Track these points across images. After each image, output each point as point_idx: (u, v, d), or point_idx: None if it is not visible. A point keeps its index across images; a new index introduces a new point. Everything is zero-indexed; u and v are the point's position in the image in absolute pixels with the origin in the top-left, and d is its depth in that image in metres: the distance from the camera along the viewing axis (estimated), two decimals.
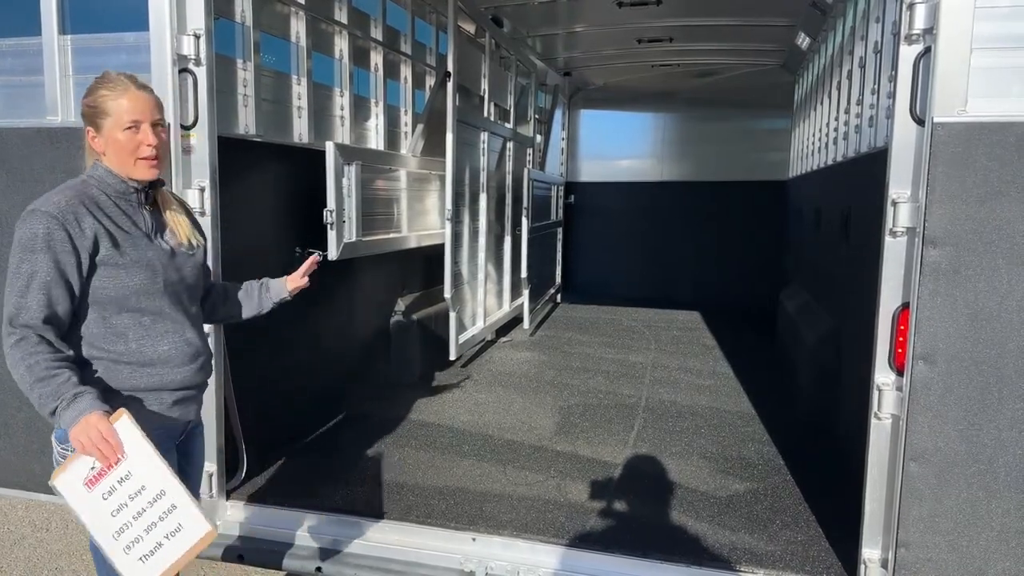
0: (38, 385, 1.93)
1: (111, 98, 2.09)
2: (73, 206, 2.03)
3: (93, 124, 2.11)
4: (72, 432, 1.91)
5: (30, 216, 2.00)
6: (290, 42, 4.28)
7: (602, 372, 5.85)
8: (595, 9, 6.49)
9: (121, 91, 2.09)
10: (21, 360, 1.95)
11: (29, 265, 1.97)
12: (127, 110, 2.08)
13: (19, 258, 1.99)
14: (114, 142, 2.09)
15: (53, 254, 1.98)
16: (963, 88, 2.32)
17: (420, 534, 3.14)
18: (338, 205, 4.17)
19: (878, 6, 4.10)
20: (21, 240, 1.99)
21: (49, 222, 1.98)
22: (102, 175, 2.12)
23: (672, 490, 3.57)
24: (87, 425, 1.91)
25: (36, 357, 1.95)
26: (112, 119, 2.09)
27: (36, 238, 1.97)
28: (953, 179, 2.34)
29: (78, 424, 1.91)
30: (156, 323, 2.15)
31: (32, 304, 1.97)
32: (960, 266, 2.36)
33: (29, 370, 1.94)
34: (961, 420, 2.40)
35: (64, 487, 1.96)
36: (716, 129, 9.53)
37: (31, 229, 1.98)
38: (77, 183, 2.11)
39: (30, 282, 1.97)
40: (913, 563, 2.49)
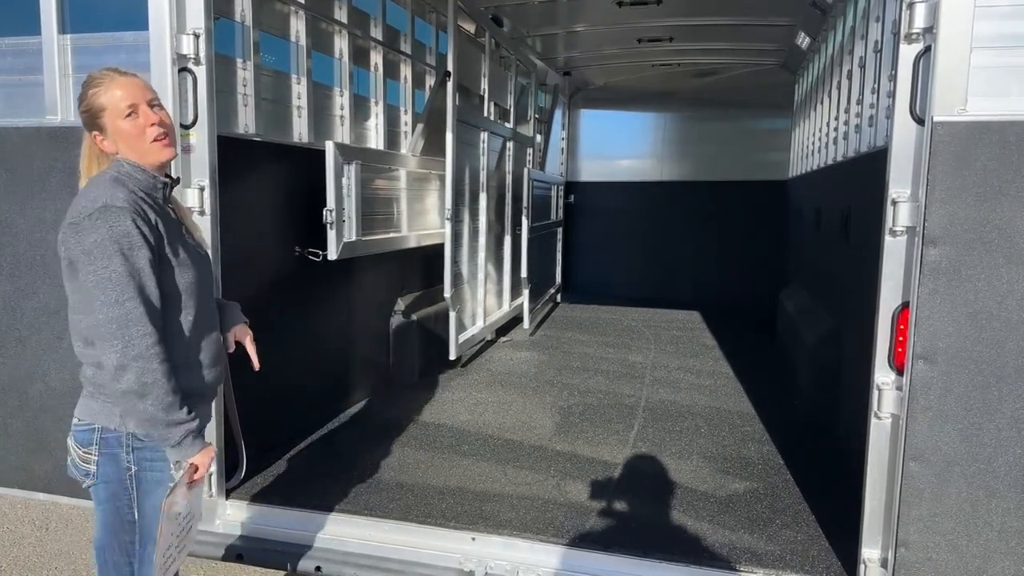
0: (172, 394, 1.97)
1: (101, 93, 2.06)
2: (134, 198, 1.98)
3: (96, 127, 2.07)
4: (198, 456, 2.06)
5: (107, 213, 1.91)
6: (290, 41, 4.28)
7: (602, 372, 5.85)
8: (595, 9, 6.49)
9: (108, 83, 2.07)
10: (160, 364, 1.94)
11: (134, 262, 1.92)
12: (120, 98, 2.05)
13: (122, 257, 1.90)
14: (121, 132, 2.05)
15: (149, 247, 1.95)
16: (963, 87, 2.32)
17: (420, 533, 3.14)
18: (338, 204, 4.17)
19: (878, 5, 4.10)
20: (114, 237, 1.90)
21: (132, 216, 1.93)
22: (129, 171, 2.06)
23: (672, 490, 3.57)
24: (210, 451, 2.10)
25: (170, 364, 1.97)
26: (109, 111, 2.05)
27: (130, 234, 1.91)
28: (953, 178, 2.34)
29: (205, 450, 2.08)
30: (195, 323, 2.13)
31: (155, 299, 1.96)
32: (960, 265, 2.35)
33: (168, 376, 1.96)
34: (961, 419, 2.40)
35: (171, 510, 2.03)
36: (716, 129, 9.54)
37: (119, 226, 1.91)
38: (112, 178, 2.02)
39: (142, 278, 1.93)
40: (913, 563, 2.48)
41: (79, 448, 2.11)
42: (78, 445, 2.11)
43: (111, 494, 2.10)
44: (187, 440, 2.02)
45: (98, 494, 2.12)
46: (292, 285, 4.11)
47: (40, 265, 3.27)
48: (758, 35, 7.41)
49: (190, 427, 2.02)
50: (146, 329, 1.92)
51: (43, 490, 3.41)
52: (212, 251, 3.10)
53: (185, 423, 2.00)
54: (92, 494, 2.15)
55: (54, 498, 3.43)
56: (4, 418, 3.44)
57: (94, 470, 2.09)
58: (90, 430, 2.08)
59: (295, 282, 4.13)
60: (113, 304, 1.90)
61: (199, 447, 2.06)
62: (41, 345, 3.31)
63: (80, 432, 2.10)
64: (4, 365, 3.38)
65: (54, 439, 3.36)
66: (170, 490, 2.04)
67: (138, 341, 1.91)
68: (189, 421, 2.01)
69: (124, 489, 2.10)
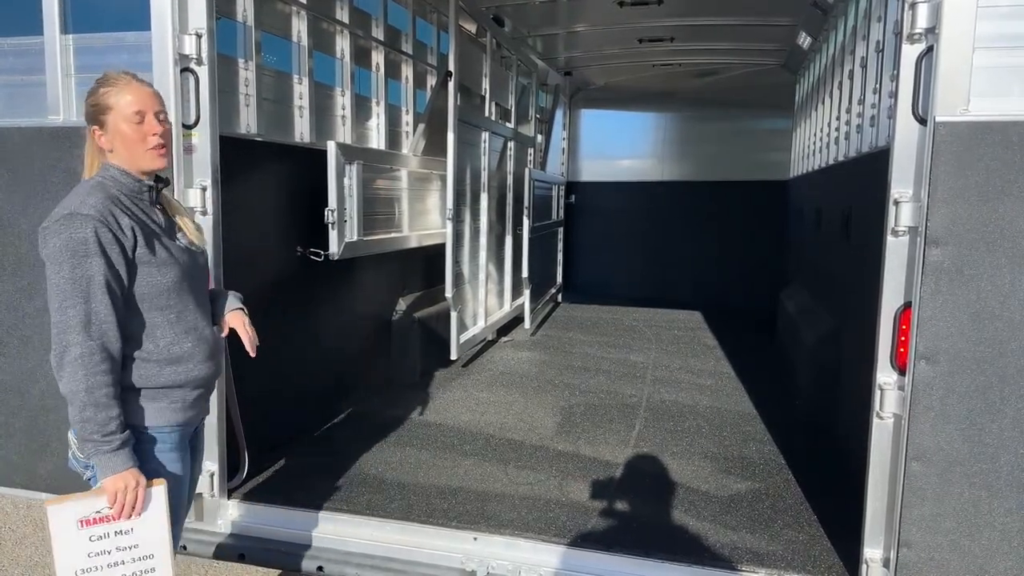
0: (91, 409, 1.94)
1: (113, 94, 2.11)
2: (107, 205, 2.02)
3: (97, 122, 2.12)
4: (108, 480, 1.98)
5: (71, 220, 1.95)
6: (291, 42, 4.28)
7: (603, 372, 5.85)
8: (596, 9, 6.49)
9: (123, 86, 2.12)
10: (84, 376, 1.93)
11: (85, 269, 1.95)
12: (130, 103, 2.10)
13: (72, 264, 1.94)
14: (121, 135, 2.10)
15: (106, 256, 1.97)
16: (965, 87, 2.32)
17: (422, 533, 3.14)
18: (339, 204, 4.17)
19: (879, 5, 4.10)
20: (69, 245, 1.94)
21: (95, 224, 1.96)
22: (115, 175, 2.12)
23: (673, 490, 3.57)
24: (127, 478, 1.99)
25: (99, 378, 1.95)
26: (116, 112, 2.10)
27: (87, 242, 1.94)
28: (955, 178, 2.34)
29: (119, 475, 1.98)
30: (181, 320, 2.16)
31: (101, 309, 1.96)
32: (962, 265, 2.35)
33: (88, 391, 1.94)
34: (963, 419, 2.40)
35: (55, 516, 1.96)
36: (717, 129, 9.54)
37: (78, 233, 1.94)
38: (95, 184, 2.08)
39: (90, 286, 1.95)
40: (915, 563, 2.48)
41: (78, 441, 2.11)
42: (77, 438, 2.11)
43: None
44: (96, 459, 1.98)
45: None
46: (294, 285, 4.11)
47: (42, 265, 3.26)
48: (759, 35, 7.41)
49: (100, 448, 1.96)
50: (79, 338, 1.93)
51: (45, 490, 3.41)
52: (214, 251, 3.10)
53: (96, 443, 1.96)
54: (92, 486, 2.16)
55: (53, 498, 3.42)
56: (6, 417, 3.44)
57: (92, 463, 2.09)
58: None
59: (297, 282, 4.13)
60: (56, 310, 1.95)
61: (109, 471, 1.98)
62: (43, 345, 3.30)
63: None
64: (6, 365, 3.38)
65: (56, 439, 3.36)
66: (61, 496, 1.99)
67: (72, 349, 1.94)
68: (100, 442, 1.96)
69: None
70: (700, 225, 9.62)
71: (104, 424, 1.96)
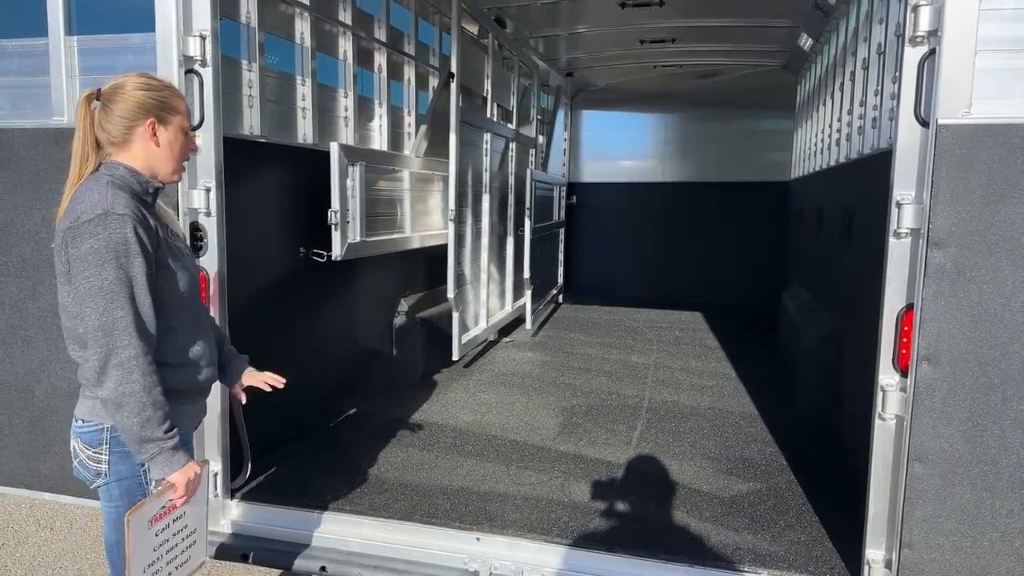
0: (151, 408, 1.94)
1: (177, 99, 2.12)
2: (136, 205, 2.00)
3: (158, 117, 2.08)
4: (177, 474, 2.03)
5: (107, 220, 1.91)
6: (295, 43, 4.29)
7: (605, 372, 5.86)
8: (598, 10, 6.50)
9: (180, 96, 2.14)
10: (140, 377, 1.92)
11: (129, 270, 1.92)
12: (188, 115, 2.14)
13: (116, 264, 1.90)
14: (176, 141, 2.11)
15: (144, 256, 1.95)
16: (967, 90, 2.33)
17: (424, 534, 3.15)
18: (342, 205, 4.18)
19: (881, 8, 4.10)
20: (111, 245, 1.90)
21: (133, 223, 1.93)
22: (123, 174, 2.05)
23: (675, 490, 3.57)
24: (192, 469, 2.07)
25: (153, 377, 1.95)
26: (180, 118, 2.11)
27: (128, 242, 1.91)
28: (957, 181, 2.34)
29: (183, 468, 2.04)
30: (193, 324, 2.16)
31: (146, 310, 1.95)
32: (964, 267, 2.36)
33: (147, 391, 1.93)
34: (965, 421, 2.41)
35: (136, 525, 1.99)
36: (718, 130, 9.55)
37: (118, 233, 1.91)
38: (106, 182, 2.01)
39: (135, 287, 1.93)
40: (917, 564, 2.49)
41: (88, 449, 2.10)
42: (86, 446, 2.10)
43: (126, 490, 2.11)
44: (161, 457, 2.00)
45: (110, 492, 2.13)
46: (296, 286, 4.12)
47: (46, 266, 3.29)
48: (760, 36, 7.42)
49: (164, 445, 1.98)
50: (130, 340, 1.91)
51: (49, 490, 3.43)
52: (218, 252, 3.12)
53: (159, 440, 1.97)
54: (103, 493, 2.15)
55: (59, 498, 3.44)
56: (9, 418, 3.45)
57: (106, 469, 2.10)
58: (98, 430, 2.08)
59: (299, 283, 4.14)
60: (101, 312, 1.91)
61: (176, 465, 2.03)
62: (47, 345, 3.32)
63: (87, 433, 2.10)
64: (10, 365, 3.39)
65: (59, 439, 3.38)
66: (139, 504, 2.01)
67: (121, 351, 1.91)
68: (163, 439, 1.98)
69: (139, 485, 2.11)
70: (701, 226, 9.63)
71: (163, 421, 1.97)
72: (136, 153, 2.08)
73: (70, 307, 2.02)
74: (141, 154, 2.08)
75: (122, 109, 2.05)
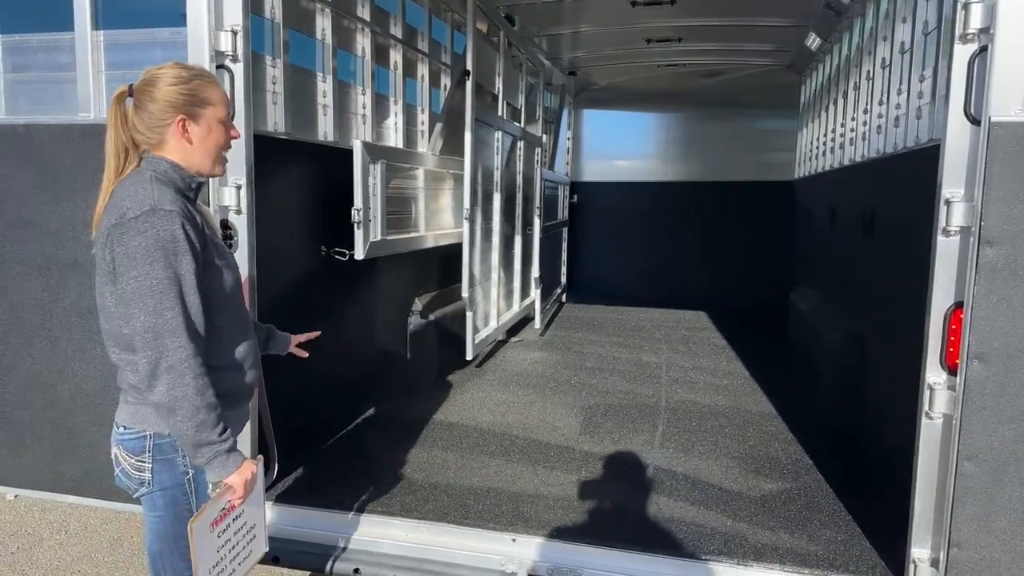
0: (205, 411, 1.88)
1: (209, 88, 2.02)
2: (180, 201, 1.93)
3: (189, 112, 1.99)
4: (235, 476, 1.98)
5: (154, 216, 1.84)
6: (316, 39, 4.24)
7: (618, 372, 5.84)
8: (609, 8, 6.48)
9: (214, 83, 2.05)
10: (192, 380, 1.86)
11: (178, 268, 1.86)
12: (224, 103, 2.04)
13: (165, 263, 1.84)
14: (212, 133, 2.02)
15: (192, 255, 1.88)
16: (1020, 87, 2.32)
17: (459, 535, 3.12)
18: (365, 204, 4.13)
19: (904, 6, 4.11)
20: (159, 243, 1.83)
21: (181, 220, 1.87)
22: (167, 169, 1.99)
23: (706, 490, 3.56)
24: (248, 470, 2.02)
25: (205, 379, 1.89)
26: (213, 109, 2.02)
27: (176, 239, 1.85)
28: (1010, 179, 2.33)
29: (240, 469, 1.99)
30: (235, 324, 2.09)
31: (195, 310, 1.89)
32: (1016, 265, 2.35)
33: (199, 394, 1.87)
34: (1016, 419, 2.40)
35: (199, 531, 1.94)
36: (720, 129, 9.56)
37: (167, 230, 1.84)
38: (149, 178, 1.93)
39: (184, 286, 1.87)
40: (965, 562, 2.48)
41: (130, 457, 2.04)
42: (129, 454, 2.04)
43: (170, 500, 2.05)
44: (217, 461, 1.95)
45: (154, 501, 2.07)
46: (317, 284, 4.07)
47: (71, 264, 3.22)
48: (767, 36, 7.42)
49: (219, 448, 1.93)
50: (181, 341, 1.85)
51: (73, 492, 3.37)
52: (248, 249, 3.08)
53: (214, 444, 1.92)
54: (146, 502, 2.09)
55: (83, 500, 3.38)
56: (32, 419, 3.38)
57: (149, 478, 2.04)
58: (141, 437, 2.02)
59: (320, 281, 4.09)
60: (151, 313, 1.84)
61: (233, 467, 1.98)
62: (72, 346, 3.25)
63: (129, 440, 2.03)
64: (33, 365, 3.33)
65: (84, 441, 3.32)
66: (200, 511, 1.97)
67: (172, 353, 1.84)
68: (219, 442, 1.93)
69: (184, 494, 2.05)
70: (703, 225, 9.63)
71: (217, 423, 1.91)
72: (173, 150, 2.01)
73: (113, 308, 1.94)
74: (177, 151, 2.01)
75: (153, 109, 1.97)
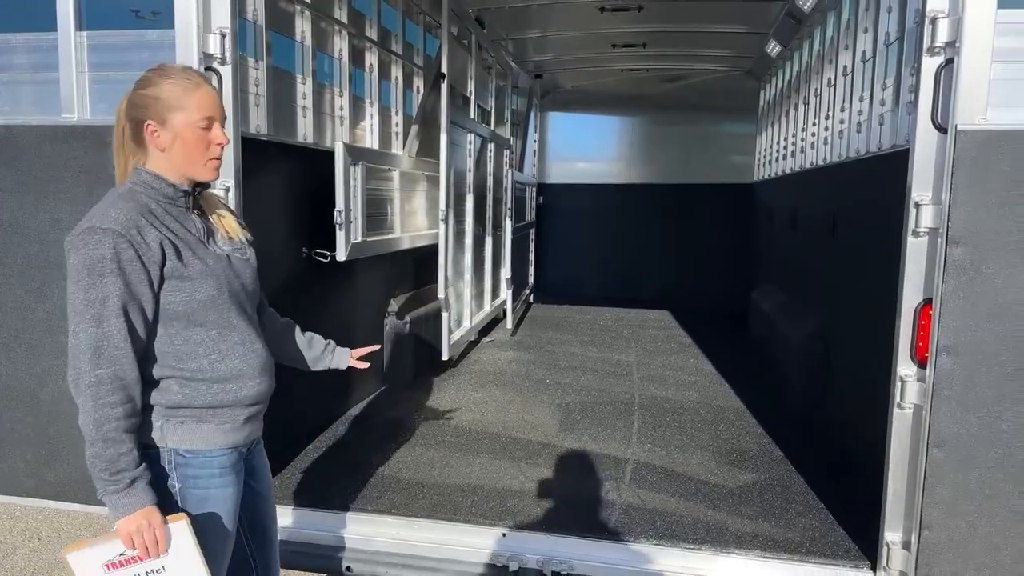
0: (99, 445, 1.80)
1: (183, 91, 1.92)
2: (133, 218, 1.85)
3: (156, 117, 1.90)
4: (122, 522, 1.82)
5: (89, 235, 1.80)
6: (295, 41, 4.25)
7: (590, 370, 5.95)
8: (577, 13, 6.60)
9: (193, 85, 1.94)
10: (92, 408, 1.80)
11: (99, 290, 1.80)
12: (202, 106, 1.93)
13: (87, 283, 1.79)
14: (183, 140, 1.92)
15: (124, 275, 1.81)
16: (983, 98, 2.48)
17: (450, 531, 3.17)
18: (346, 205, 4.16)
19: (866, 17, 4.30)
20: (86, 263, 1.79)
21: (115, 240, 1.80)
22: (147, 179, 1.93)
23: (684, 482, 3.68)
24: (140, 520, 1.83)
25: (107, 411, 1.80)
26: (184, 114, 1.91)
27: (103, 260, 1.79)
28: (975, 183, 2.50)
29: (131, 516, 1.82)
30: (224, 336, 2.00)
31: (113, 332, 1.81)
32: (981, 264, 2.52)
33: (96, 425, 1.80)
34: (981, 408, 2.57)
35: (78, 563, 1.82)
36: (682, 133, 9.77)
37: (95, 250, 1.79)
38: (124, 192, 1.92)
39: (103, 309, 1.80)
40: (935, 543, 2.64)
41: None
42: None
43: None
44: (108, 499, 1.83)
45: None
46: (298, 287, 4.08)
47: (54, 267, 3.19)
48: (729, 43, 7.63)
49: (108, 488, 1.81)
50: (88, 366, 1.80)
51: (54, 498, 3.31)
52: None
53: (104, 481, 1.81)
54: None
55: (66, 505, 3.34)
56: (12, 424, 3.33)
57: None
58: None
59: (301, 284, 4.10)
60: (71, 332, 1.82)
61: (123, 511, 1.81)
62: (54, 350, 3.22)
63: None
64: (14, 370, 3.28)
65: (66, 446, 3.28)
66: (81, 541, 1.85)
67: (81, 377, 1.81)
68: (109, 481, 1.81)
69: (171, 508, 1.96)
70: (666, 227, 9.83)
71: (112, 461, 1.80)
72: (154, 157, 1.95)
73: None
74: (157, 158, 1.95)
75: (133, 114, 1.93)
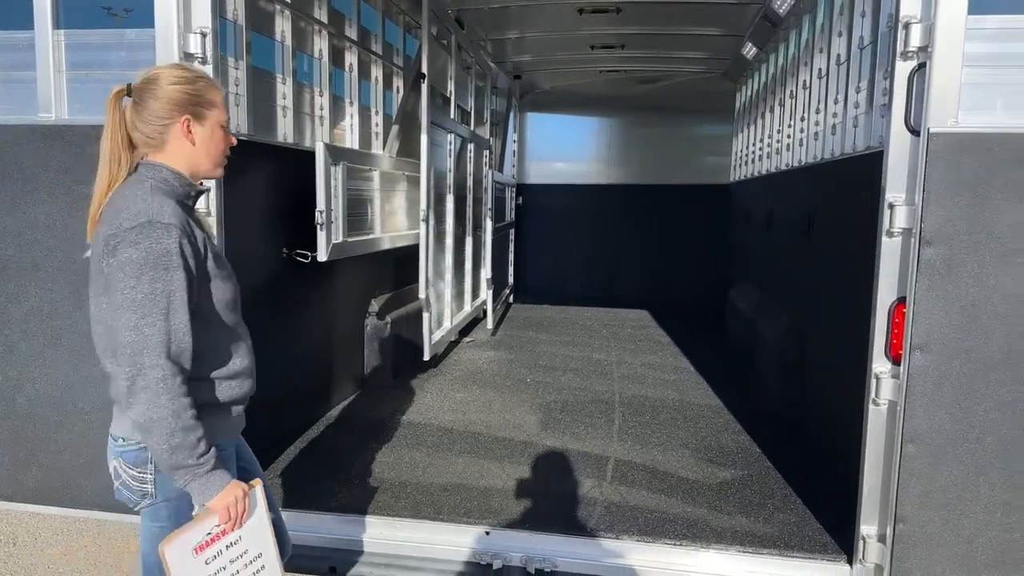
0: (180, 434, 1.81)
1: (212, 90, 2.00)
2: (180, 213, 1.87)
3: (194, 113, 1.96)
4: (216, 500, 1.90)
5: (151, 229, 1.80)
6: (275, 41, 4.24)
7: (571, 370, 5.99)
8: (556, 15, 6.63)
9: (217, 87, 2.04)
10: (168, 401, 1.80)
11: (166, 284, 1.80)
12: (225, 107, 2.03)
13: (152, 276, 1.79)
14: (213, 136, 2.00)
15: (186, 270, 1.83)
16: (955, 101, 2.55)
17: (434, 530, 3.19)
18: (327, 205, 4.15)
19: (840, 21, 4.38)
20: (149, 257, 1.79)
21: (178, 234, 1.82)
22: (167, 176, 1.95)
23: (664, 479, 3.72)
24: (233, 492, 1.94)
25: (183, 400, 1.82)
26: (218, 112, 2.00)
27: (169, 253, 1.80)
28: (947, 184, 2.56)
29: (224, 491, 1.92)
30: (234, 334, 2.06)
31: (180, 325, 1.83)
32: (953, 264, 2.58)
33: (175, 416, 1.80)
34: (953, 404, 2.64)
35: (172, 555, 1.87)
36: (659, 134, 9.85)
37: (160, 244, 1.79)
38: (150, 187, 1.90)
39: (171, 302, 1.81)
40: (910, 536, 2.70)
41: (131, 468, 1.99)
42: (130, 466, 1.99)
43: (174, 510, 2.02)
44: (195, 484, 1.88)
45: (157, 513, 2.03)
46: (278, 287, 4.07)
47: (30, 268, 3.15)
48: (706, 45, 7.71)
49: (197, 471, 1.87)
50: (159, 360, 1.80)
51: (32, 501, 3.28)
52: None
53: (190, 467, 1.86)
54: (148, 513, 2.05)
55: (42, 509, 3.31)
56: None
57: (152, 490, 2.00)
58: (142, 448, 1.96)
59: (280, 283, 4.09)
60: (132, 328, 1.80)
61: (213, 490, 1.90)
62: (31, 351, 3.18)
63: (130, 452, 1.98)
64: None
65: (42, 448, 3.24)
66: (173, 533, 1.91)
67: (148, 372, 1.79)
68: (195, 465, 1.86)
69: (189, 505, 2.00)
70: (643, 227, 9.89)
71: (195, 447, 1.85)
72: (174, 152, 1.97)
73: (107, 318, 1.89)
74: (179, 153, 1.97)
75: (155, 107, 1.93)
